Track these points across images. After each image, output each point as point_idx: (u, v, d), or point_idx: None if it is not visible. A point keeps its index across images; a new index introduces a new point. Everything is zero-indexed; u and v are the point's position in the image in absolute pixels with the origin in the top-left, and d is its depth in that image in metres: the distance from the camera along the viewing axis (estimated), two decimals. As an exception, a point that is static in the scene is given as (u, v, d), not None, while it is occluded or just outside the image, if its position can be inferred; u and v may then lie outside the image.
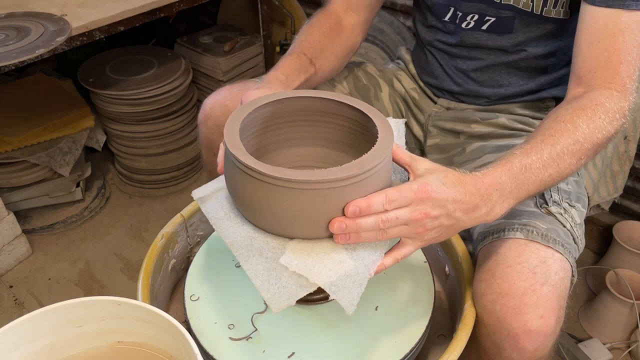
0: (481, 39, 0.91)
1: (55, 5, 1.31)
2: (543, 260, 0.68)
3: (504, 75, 0.93)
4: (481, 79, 0.95)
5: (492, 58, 0.92)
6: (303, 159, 0.77)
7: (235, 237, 0.64)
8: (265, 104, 0.69)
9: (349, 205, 0.58)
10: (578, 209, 0.79)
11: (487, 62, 0.93)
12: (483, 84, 0.95)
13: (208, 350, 0.68)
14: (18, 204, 1.63)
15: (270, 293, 0.59)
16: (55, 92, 1.72)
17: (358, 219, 0.58)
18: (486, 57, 0.92)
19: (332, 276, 0.59)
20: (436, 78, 1.01)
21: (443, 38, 0.96)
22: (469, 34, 0.92)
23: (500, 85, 0.94)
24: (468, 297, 0.72)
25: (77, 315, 0.56)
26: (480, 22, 0.89)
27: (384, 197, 0.58)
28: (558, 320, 0.67)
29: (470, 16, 0.90)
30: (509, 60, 0.91)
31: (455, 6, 0.91)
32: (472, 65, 0.94)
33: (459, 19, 0.91)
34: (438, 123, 1.00)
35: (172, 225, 0.84)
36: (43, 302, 1.47)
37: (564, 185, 0.81)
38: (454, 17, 0.92)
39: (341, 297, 0.58)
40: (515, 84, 0.93)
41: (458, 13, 0.91)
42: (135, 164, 1.82)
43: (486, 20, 0.89)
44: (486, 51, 0.92)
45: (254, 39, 1.91)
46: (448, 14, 0.93)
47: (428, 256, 0.83)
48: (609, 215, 1.48)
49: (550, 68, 0.91)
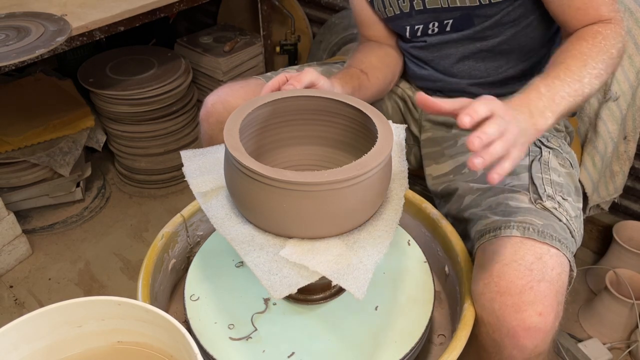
0: (449, 38, 0.93)
1: (55, 5, 1.31)
2: (539, 257, 0.69)
3: (480, 63, 0.95)
4: (462, 73, 0.96)
5: (462, 50, 0.94)
6: (303, 158, 0.77)
7: (237, 234, 0.64)
8: (265, 103, 0.69)
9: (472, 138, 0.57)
10: (571, 202, 0.80)
11: (461, 55, 0.95)
12: (464, 77, 0.96)
13: (208, 350, 0.68)
14: (18, 204, 1.63)
15: (271, 282, 0.59)
16: (55, 92, 1.72)
17: (484, 129, 0.58)
18: (456, 51, 0.95)
19: (333, 266, 0.60)
20: (421, 79, 1.03)
21: (414, 46, 0.99)
22: (436, 38, 0.94)
23: (481, 76, 0.96)
24: (467, 296, 0.72)
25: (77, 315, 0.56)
26: (442, 26, 0.92)
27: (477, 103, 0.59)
28: (557, 315, 0.67)
29: (431, 24, 0.93)
30: (480, 49, 0.93)
31: (410, 24, 0.95)
32: (448, 62, 0.96)
33: (420, 32, 0.95)
34: (431, 117, 1.02)
35: (172, 225, 0.84)
36: (43, 302, 1.47)
37: (556, 177, 0.82)
38: (413, 32, 0.96)
39: (346, 283, 0.58)
40: (494, 71, 0.95)
41: (416, 27, 0.95)
42: (135, 164, 1.82)
43: (446, 23, 0.92)
44: (455, 45, 0.94)
45: (254, 39, 1.91)
46: (407, 32, 0.96)
47: (428, 256, 0.83)
48: (609, 215, 1.48)
49: (526, 50, 0.92)
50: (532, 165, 0.83)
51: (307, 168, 0.77)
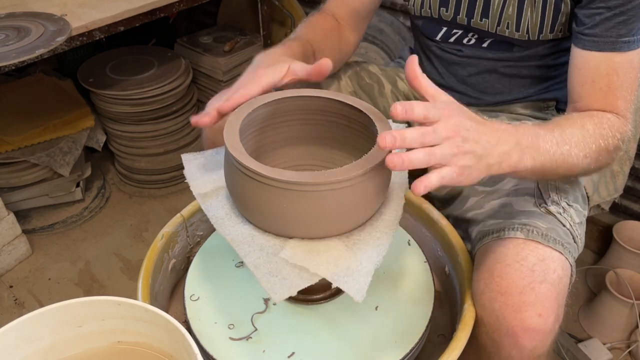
0: (482, 53, 0.92)
1: (55, 5, 1.31)
2: (541, 259, 0.68)
3: (505, 82, 0.93)
4: (481, 86, 0.95)
5: (492, 65, 0.92)
6: (302, 158, 0.77)
7: (237, 234, 0.64)
8: (265, 103, 0.69)
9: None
10: (576, 208, 0.79)
11: (487, 69, 0.93)
12: (483, 91, 0.95)
13: (208, 350, 0.68)
14: (18, 204, 1.63)
15: (271, 283, 0.59)
16: (55, 92, 1.72)
17: (402, 131, 0.54)
18: (486, 65, 0.93)
19: (333, 268, 0.60)
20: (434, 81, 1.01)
21: (441, 47, 0.96)
22: (469, 48, 0.92)
23: (501, 92, 0.95)
24: (468, 296, 0.72)
25: (77, 315, 0.56)
26: (480, 41, 0.91)
27: (420, 104, 0.55)
28: (557, 318, 0.67)
29: (470, 33, 0.91)
30: (509, 70, 0.91)
31: (448, 27, 0.92)
32: (471, 71, 0.95)
33: (455, 39, 0.92)
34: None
35: (172, 225, 0.84)
36: (43, 302, 1.47)
37: (562, 184, 0.81)
38: (447, 36, 0.93)
39: (345, 285, 0.58)
40: (516, 91, 0.94)
41: (453, 32, 0.92)
42: (135, 164, 1.81)
43: (485, 39, 0.90)
44: (485, 61, 0.92)
45: (254, 39, 1.91)
46: (439, 35, 0.94)
47: (428, 256, 0.83)
48: (609, 215, 1.48)
49: (552, 76, 0.91)
50: None
51: (307, 168, 0.77)
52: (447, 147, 0.56)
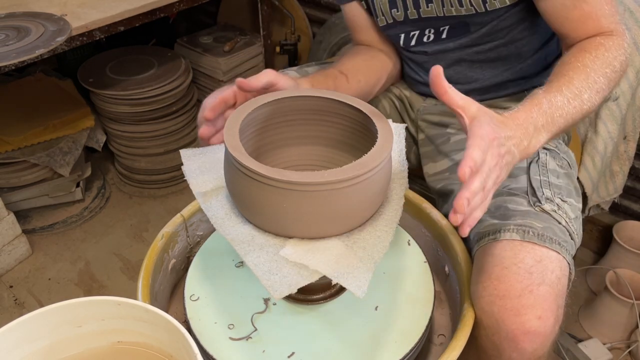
0: (444, 46, 0.93)
1: (55, 5, 1.31)
2: (539, 260, 0.68)
3: (476, 69, 0.94)
4: (454, 78, 0.95)
5: (458, 55, 0.94)
6: (302, 158, 0.77)
7: (237, 234, 0.64)
8: (265, 103, 0.69)
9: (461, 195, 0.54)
10: (571, 203, 0.79)
11: (454, 60, 0.94)
12: (457, 82, 0.96)
13: (208, 350, 0.68)
14: (18, 204, 1.63)
15: (271, 281, 0.59)
16: (55, 92, 1.72)
17: (469, 194, 0.55)
18: (452, 57, 0.94)
19: (333, 266, 0.60)
20: (416, 82, 1.03)
21: (410, 51, 0.98)
22: (431, 45, 0.94)
23: (476, 80, 0.96)
24: (467, 297, 0.72)
25: (77, 315, 0.56)
26: (438, 33, 0.92)
27: (472, 159, 0.56)
28: (556, 319, 0.67)
29: (427, 30, 0.92)
30: (476, 51, 0.92)
31: (405, 31, 0.94)
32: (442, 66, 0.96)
33: (415, 39, 0.94)
34: (426, 117, 1.02)
35: (172, 225, 0.84)
36: (43, 302, 1.47)
37: (555, 179, 0.81)
38: (408, 40, 0.95)
39: (346, 282, 0.58)
40: (490, 76, 0.95)
41: (412, 34, 0.94)
42: (135, 164, 1.81)
43: (442, 30, 0.91)
44: (450, 53, 0.94)
45: (254, 39, 1.91)
46: (401, 40, 0.96)
47: (428, 256, 0.83)
48: (609, 215, 1.48)
49: (523, 54, 0.92)
50: (530, 167, 0.82)
51: (307, 168, 0.77)
52: (495, 171, 0.59)
